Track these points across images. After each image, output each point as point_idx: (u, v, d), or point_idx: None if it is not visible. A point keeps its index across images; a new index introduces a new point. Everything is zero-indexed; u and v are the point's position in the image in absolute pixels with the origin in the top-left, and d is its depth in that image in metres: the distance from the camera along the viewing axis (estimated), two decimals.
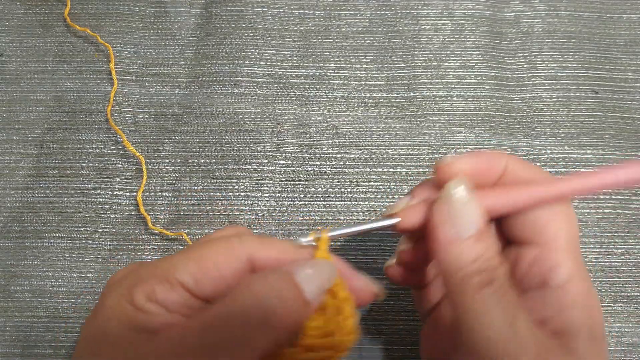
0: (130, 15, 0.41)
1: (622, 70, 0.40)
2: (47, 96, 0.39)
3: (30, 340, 0.33)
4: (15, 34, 0.41)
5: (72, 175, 0.37)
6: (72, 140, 0.38)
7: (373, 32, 0.41)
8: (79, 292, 0.34)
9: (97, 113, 0.38)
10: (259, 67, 0.40)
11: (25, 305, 0.34)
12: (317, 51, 0.40)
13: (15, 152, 0.38)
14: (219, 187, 0.36)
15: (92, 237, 0.35)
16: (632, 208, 0.36)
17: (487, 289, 0.22)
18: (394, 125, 0.38)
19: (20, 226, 0.36)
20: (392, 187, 0.37)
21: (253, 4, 0.41)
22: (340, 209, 0.36)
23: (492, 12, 0.41)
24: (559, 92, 0.39)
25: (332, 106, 0.39)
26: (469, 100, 0.39)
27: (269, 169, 0.37)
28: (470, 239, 0.22)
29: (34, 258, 0.35)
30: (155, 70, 0.40)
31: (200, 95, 0.39)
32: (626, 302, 0.34)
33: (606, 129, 0.38)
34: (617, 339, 0.34)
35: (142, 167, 0.36)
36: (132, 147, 0.36)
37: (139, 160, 0.37)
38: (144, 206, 0.36)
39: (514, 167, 0.25)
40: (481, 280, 0.22)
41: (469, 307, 0.22)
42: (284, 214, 0.36)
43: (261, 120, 0.38)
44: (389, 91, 0.39)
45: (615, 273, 0.35)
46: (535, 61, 0.40)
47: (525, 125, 0.38)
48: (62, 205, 0.36)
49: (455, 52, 0.40)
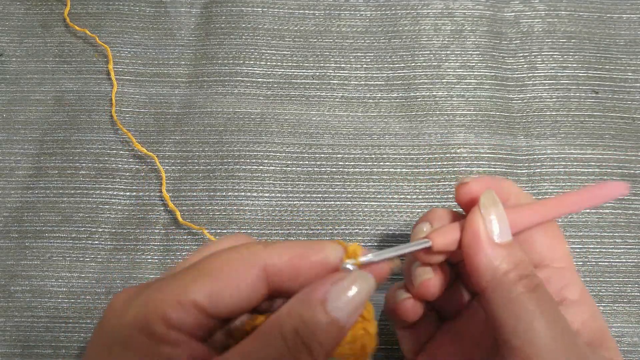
0: (130, 15, 0.41)
1: (622, 70, 0.40)
2: (47, 96, 0.39)
3: (30, 340, 0.33)
4: (15, 34, 0.41)
5: (72, 175, 0.37)
6: (72, 140, 0.38)
7: (373, 32, 0.41)
8: (79, 292, 0.34)
9: (97, 113, 0.38)
10: (259, 67, 0.40)
11: (25, 305, 0.34)
12: (317, 51, 0.40)
13: (15, 152, 0.38)
14: (219, 187, 0.36)
15: (92, 237, 0.35)
16: (632, 208, 0.36)
17: (533, 293, 0.22)
18: (394, 125, 0.38)
19: (20, 226, 0.36)
20: (392, 187, 0.37)
21: (253, 4, 0.41)
22: (340, 209, 0.36)
23: (492, 12, 0.41)
24: (559, 92, 0.39)
25: (332, 106, 0.39)
26: (469, 100, 0.39)
27: (269, 169, 0.37)
28: (508, 245, 0.23)
29: (34, 258, 0.35)
30: (155, 70, 0.40)
31: (200, 95, 0.39)
32: (626, 302, 0.34)
33: (606, 129, 0.38)
34: (617, 339, 0.34)
35: (157, 165, 0.36)
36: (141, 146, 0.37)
37: (142, 159, 0.37)
38: (144, 206, 0.36)
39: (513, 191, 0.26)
40: (527, 285, 0.22)
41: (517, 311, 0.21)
42: (284, 214, 0.36)
43: (261, 120, 0.38)
44: (389, 91, 0.39)
45: (615, 273, 0.35)
46: (535, 61, 0.40)
47: (525, 125, 0.38)
48: (62, 205, 0.36)
49: (455, 52, 0.40)
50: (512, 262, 0.22)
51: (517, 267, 0.22)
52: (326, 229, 0.36)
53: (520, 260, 0.22)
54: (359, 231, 0.36)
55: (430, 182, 0.37)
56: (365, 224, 0.36)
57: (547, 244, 0.26)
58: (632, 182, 0.37)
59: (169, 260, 0.35)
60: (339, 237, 0.36)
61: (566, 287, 0.25)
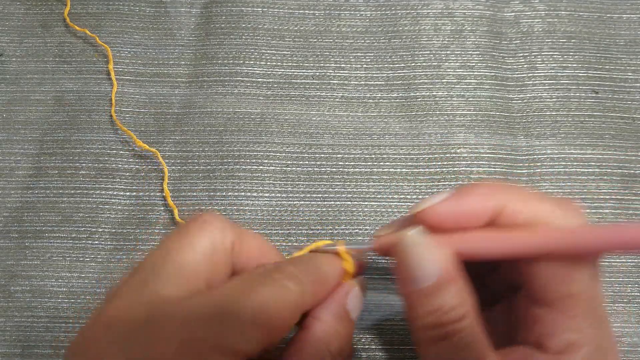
0: (130, 15, 0.41)
1: (622, 70, 0.40)
2: (47, 96, 0.39)
3: (30, 340, 0.33)
4: (15, 34, 0.41)
5: (72, 175, 0.37)
6: (72, 140, 0.38)
7: (373, 32, 0.41)
8: (79, 292, 0.34)
9: (97, 113, 0.38)
10: (259, 67, 0.40)
11: (25, 305, 0.34)
12: (317, 51, 0.40)
13: (15, 152, 0.38)
14: (219, 187, 0.36)
15: (92, 237, 0.35)
16: (632, 208, 0.36)
17: (441, 344, 0.21)
18: (394, 125, 0.38)
19: (20, 226, 0.36)
20: (392, 187, 0.37)
21: (253, 4, 0.41)
22: (340, 209, 0.36)
23: (492, 12, 0.41)
24: (559, 92, 0.39)
25: (332, 106, 0.39)
26: (469, 100, 0.39)
27: (269, 169, 0.37)
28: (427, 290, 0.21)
29: (34, 258, 0.35)
30: (155, 70, 0.40)
31: (200, 95, 0.39)
32: (626, 302, 0.34)
33: (606, 129, 0.38)
34: (617, 339, 0.34)
35: (160, 159, 0.36)
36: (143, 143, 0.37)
37: (142, 159, 0.37)
38: (144, 206, 0.36)
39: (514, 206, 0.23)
40: (434, 335, 0.21)
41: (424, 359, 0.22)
42: (284, 214, 0.36)
43: (261, 120, 0.38)
44: (389, 91, 0.39)
45: (615, 273, 0.35)
46: (535, 61, 0.40)
47: (525, 125, 0.38)
48: (62, 205, 0.36)
49: (455, 52, 0.40)
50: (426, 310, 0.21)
51: (431, 314, 0.21)
52: (326, 229, 0.36)
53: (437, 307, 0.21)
54: (359, 231, 0.36)
55: (430, 182, 0.37)
56: (365, 224, 0.36)
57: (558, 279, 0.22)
58: (632, 182, 0.37)
59: None
60: (339, 237, 0.36)
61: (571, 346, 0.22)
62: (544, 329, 0.22)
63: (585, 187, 0.37)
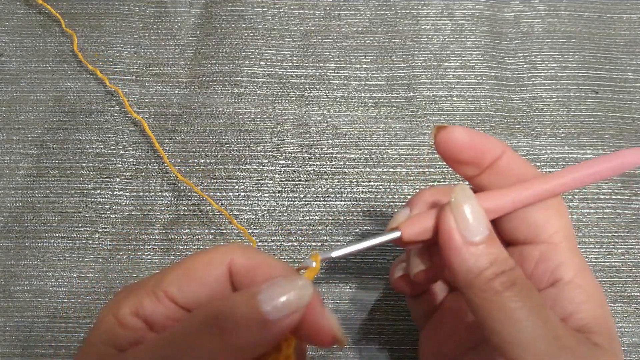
0: (130, 15, 0.41)
1: (622, 70, 0.40)
2: (47, 96, 0.39)
3: (30, 340, 0.33)
4: (15, 34, 0.41)
5: (72, 175, 0.37)
6: (72, 140, 0.38)
7: (373, 32, 0.41)
8: (79, 292, 0.34)
9: (97, 113, 0.38)
10: (259, 67, 0.40)
11: (25, 305, 0.34)
12: (317, 51, 0.40)
13: (15, 152, 0.38)
14: (219, 187, 0.36)
15: (92, 237, 0.35)
16: (632, 208, 0.36)
17: (511, 290, 0.21)
18: (394, 125, 0.38)
19: (20, 226, 0.36)
20: (392, 187, 0.37)
21: (253, 4, 0.41)
22: (340, 209, 0.36)
23: (492, 12, 0.41)
24: (559, 92, 0.39)
25: (332, 106, 0.39)
26: (469, 100, 0.39)
27: (269, 169, 0.37)
28: (483, 243, 0.22)
29: (34, 258, 0.35)
30: (155, 70, 0.40)
31: (200, 95, 0.39)
32: (626, 302, 0.34)
33: (606, 129, 0.38)
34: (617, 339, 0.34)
35: (146, 129, 0.36)
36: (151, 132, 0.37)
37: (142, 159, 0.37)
38: (144, 206, 0.36)
39: (509, 159, 0.24)
40: (503, 283, 0.21)
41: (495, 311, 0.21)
42: (284, 214, 0.36)
43: (261, 120, 0.38)
44: (389, 91, 0.39)
45: (615, 273, 0.35)
46: (535, 61, 0.40)
47: (525, 125, 0.38)
48: (62, 205, 0.36)
49: (455, 52, 0.40)
50: (487, 260, 0.21)
51: (493, 264, 0.21)
52: (326, 229, 0.36)
53: (496, 256, 0.22)
54: (358, 231, 0.36)
55: (430, 182, 0.37)
56: (365, 224, 0.36)
57: (543, 217, 0.24)
58: (632, 182, 0.37)
59: (169, 260, 0.35)
60: (339, 237, 0.36)
61: (561, 266, 0.24)
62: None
63: (585, 187, 0.37)
